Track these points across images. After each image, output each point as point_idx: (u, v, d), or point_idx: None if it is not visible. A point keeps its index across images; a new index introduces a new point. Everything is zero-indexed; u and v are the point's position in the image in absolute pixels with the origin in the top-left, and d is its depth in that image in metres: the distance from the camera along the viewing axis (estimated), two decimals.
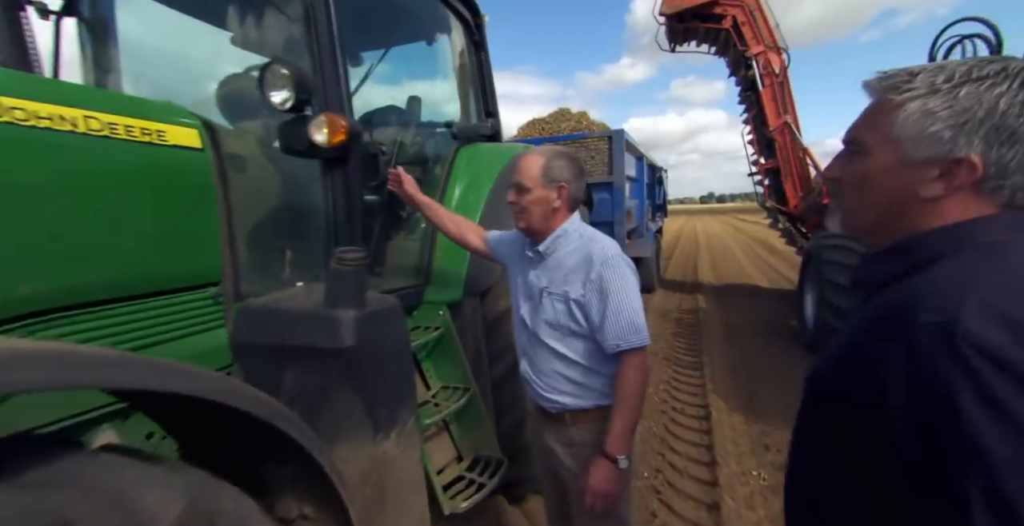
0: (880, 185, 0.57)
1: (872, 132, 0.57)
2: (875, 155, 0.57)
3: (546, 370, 1.33)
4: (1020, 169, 0.51)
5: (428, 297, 1.91)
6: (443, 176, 2.10)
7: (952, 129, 0.51)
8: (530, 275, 1.35)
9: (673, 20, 6.30)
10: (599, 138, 5.25)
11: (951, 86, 0.52)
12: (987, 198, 0.53)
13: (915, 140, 0.53)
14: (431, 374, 1.90)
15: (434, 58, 2.71)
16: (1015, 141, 0.50)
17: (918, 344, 0.44)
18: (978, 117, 0.50)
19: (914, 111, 0.53)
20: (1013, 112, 0.50)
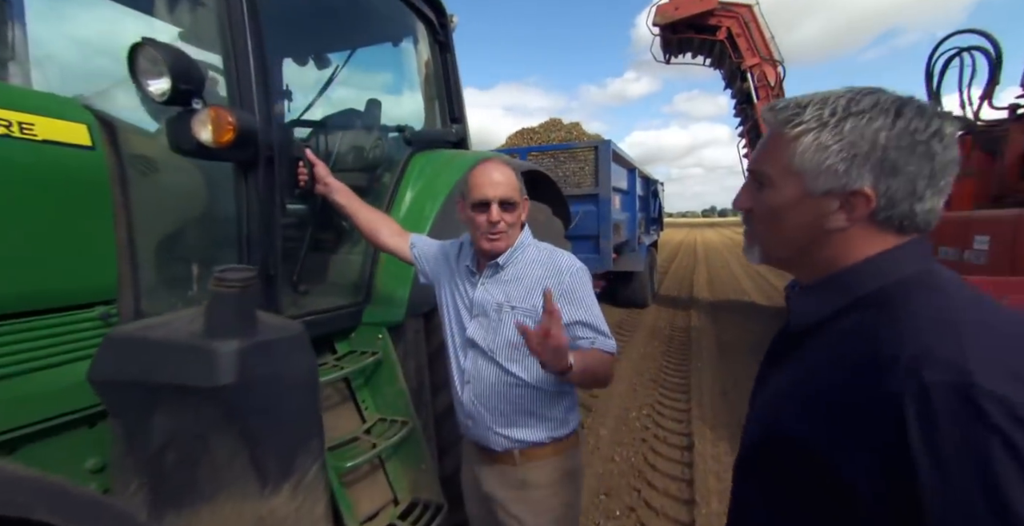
0: (790, 217, 0.59)
1: (774, 165, 0.59)
2: (779, 188, 0.59)
3: (497, 400, 1.16)
4: (905, 199, 0.54)
5: (366, 318, 1.72)
6: (392, 182, 1.93)
7: (844, 162, 0.54)
8: (477, 291, 1.21)
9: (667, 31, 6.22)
10: (586, 148, 5.10)
11: (837, 120, 0.54)
12: (883, 228, 0.56)
13: (814, 173, 0.55)
14: (367, 405, 1.70)
15: (399, 61, 2.57)
16: (896, 172, 0.53)
17: (938, 405, 0.43)
18: (864, 150, 0.53)
19: (808, 145, 0.55)
20: (891, 145, 0.52)
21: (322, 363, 1.59)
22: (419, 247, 1.40)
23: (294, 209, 1.71)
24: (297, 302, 1.64)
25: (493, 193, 1.14)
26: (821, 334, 0.58)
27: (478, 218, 1.15)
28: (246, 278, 0.93)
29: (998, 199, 3.39)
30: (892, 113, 0.53)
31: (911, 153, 0.52)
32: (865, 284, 0.56)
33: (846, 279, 0.57)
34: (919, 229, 0.56)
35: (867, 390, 0.47)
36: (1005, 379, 0.41)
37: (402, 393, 1.66)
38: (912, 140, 0.52)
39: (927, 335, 0.47)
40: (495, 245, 1.17)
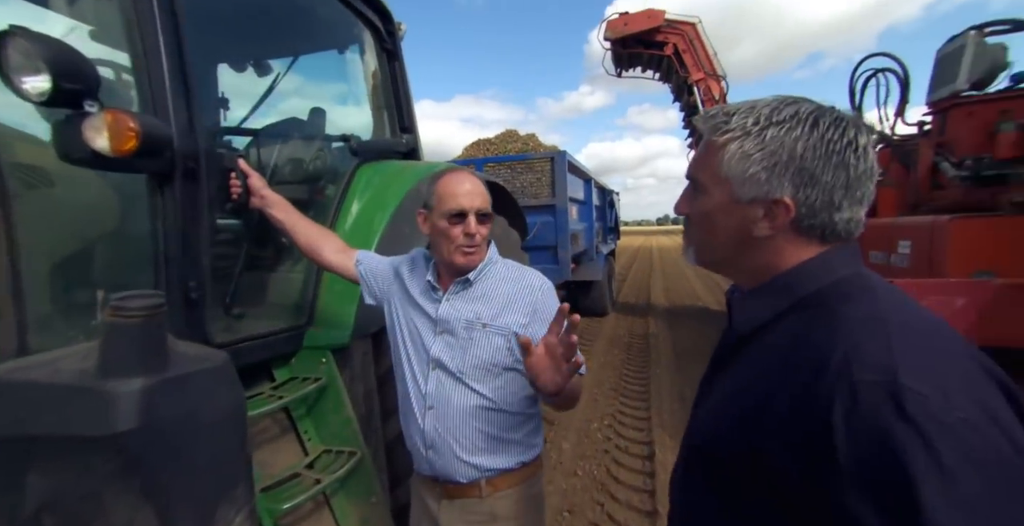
0: (721, 223, 0.61)
1: (705, 171, 0.61)
2: (711, 194, 0.61)
3: (464, 425, 1.08)
4: (823, 209, 0.55)
5: (309, 341, 1.59)
6: (337, 195, 1.82)
7: (766, 171, 0.55)
8: (443, 308, 1.13)
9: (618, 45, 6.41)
10: (542, 159, 5.12)
11: (759, 128, 0.56)
12: (807, 236, 0.57)
13: (739, 181, 0.57)
14: (310, 436, 1.56)
15: (346, 69, 2.47)
16: (814, 183, 0.54)
17: (862, 402, 0.44)
18: (783, 160, 0.54)
19: (734, 152, 0.57)
20: (808, 156, 0.54)
21: (257, 393, 1.45)
22: (365, 264, 1.30)
23: (227, 224, 1.57)
24: (231, 327, 1.49)
25: (470, 203, 1.07)
26: (762, 338, 0.59)
27: (453, 230, 1.08)
28: (150, 306, 0.81)
29: (915, 207, 3.66)
30: (809, 123, 0.54)
31: (827, 163, 0.54)
32: (803, 286, 0.57)
33: (784, 282, 0.59)
34: (841, 237, 0.57)
35: (802, 390, 0.48)
36: (925, 378, 0.43)
37: (348, 421, 1.54)
38: (827, 150, 0.53)
39: (857, 335, 0.48)
40: (470, 259, 1.10)
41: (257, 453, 1.43)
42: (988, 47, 3.30)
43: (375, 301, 1.30)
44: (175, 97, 1.14)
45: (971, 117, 3.28)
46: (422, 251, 1.28)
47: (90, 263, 1.24)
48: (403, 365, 1.19)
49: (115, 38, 1.18)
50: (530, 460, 1.14)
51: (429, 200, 1.13)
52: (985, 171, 2.91)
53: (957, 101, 3.34)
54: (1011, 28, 3.33)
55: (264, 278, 1.76)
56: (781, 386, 0.51)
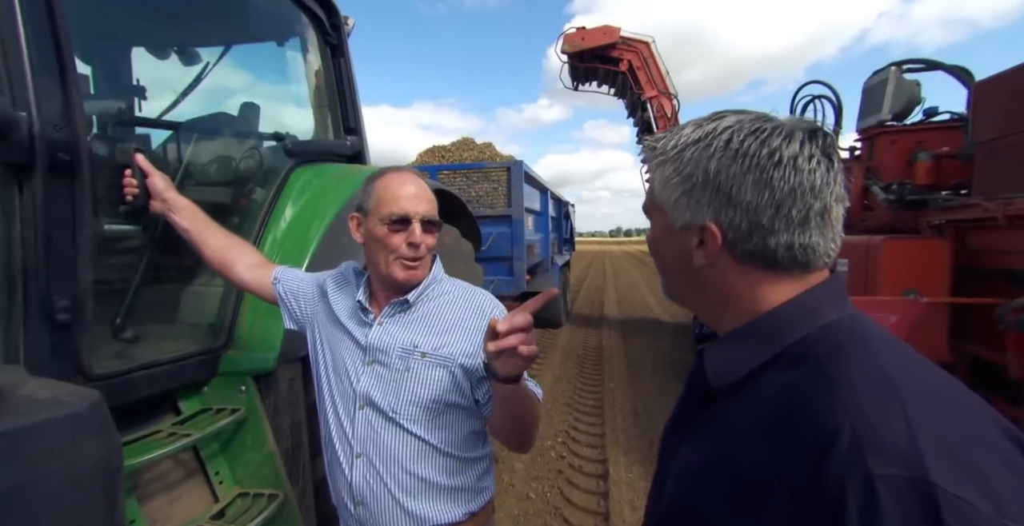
0: (665, 253, 0.57)
1: (648, 199, 0.58)
2: (654, 223, 0.58)
3: (400, 473, 0.92)
4: (752, 232, 0.49)
5: (225, 366, 1.37)
6: (268, 199, 1.62)
7: (685, 195, 0.51)
8: (373, 333, 0.96)
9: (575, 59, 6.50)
10: (499, 169, 5.04)
11: (677, 151, 0.52)
12: (750, 264, 0.51)
13: (670, 207, 0.53)
14: (223, 478, 1.34)
15: (285, 63, 2.27)
16: (734, 204, 0.49)
17: (886, 509, 0.35)
18: (699, 182, 0.50)
19: (658, 179, 0.54)
20: (722, 176, 0.49)
21: (154, 431, 1.22)
22: (284, 282, 1.12)
23: (119, 230, 1.33)
24: (122, 353, 1.26)
25: (415, 208, 0.92)
26: (742, 395, 0.51)
27: (393, 238, 0.92)
28: None
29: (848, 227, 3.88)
30: (725, 137, 0.49)
31: (743, 180, 0.48)
32: (785, 332, 0.49)
33: (762, 326, 0.51)
34: (794, 265, 0.50)
35: (800, 470, 0.41)
36: (963, 477, 0.35)
37: (270, 458, 1.34)
38: (744, 166, 0.48)
39: (864, 404, 0.40)
40: (412, 274, 0.94)
41: (151, 504, 1.20)
42: (906, 83, 3.60)
43: (296, 325, 1.12)
44: (37, 76, 0.93)
45: (894, 145, 3.54)
46: (352, 265, 1.11)
47: None
48: (326, 403, 1.02)
49: None
50: (479, 508, 0.99)
51: (365, 202, 0.96)
52: (908, 196, 3.11)
53: (882, 130, 3.59)
54: (924, 67, 3.64)
55: (173, 293, 1.52)
56: (777, 461, 0.43)
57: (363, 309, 0.99)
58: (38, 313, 0.95)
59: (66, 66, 1.00)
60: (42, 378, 0.87)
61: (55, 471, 0.71)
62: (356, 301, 1.00)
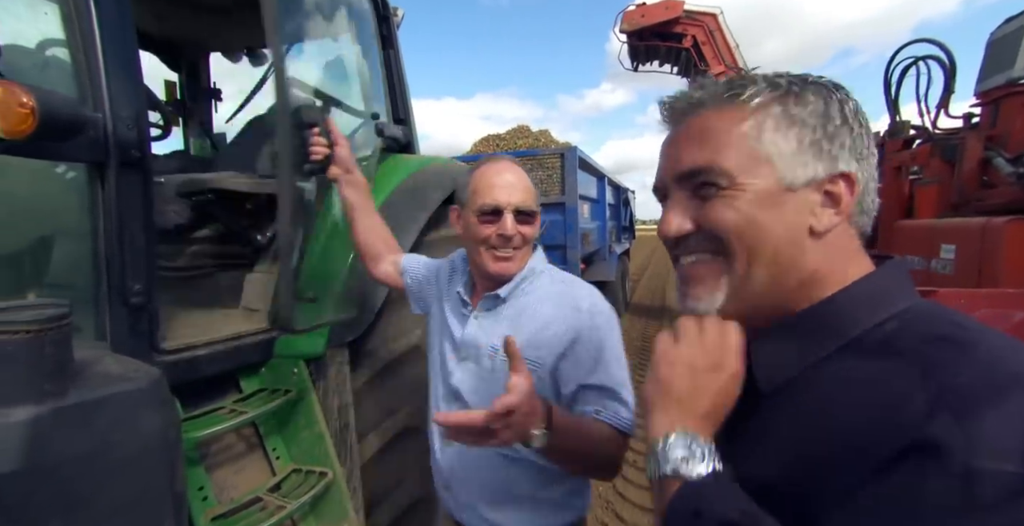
0: (768, 225, 0.44)
1: (728, 155, 0.44)
2: (744, 186, 0.44)
3: (483, 472, 0.90)
4: (871, 192, 0.46)
5: (280, 349, 1.46)
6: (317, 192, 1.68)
7: (827, 139, 0.43)
8: (468, 327, 0.95)
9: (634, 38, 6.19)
10: (552, 156, 4.94)
11: (799, 88, 0.44)
12: (856, 232, 0.46)
13: (790, 157, 0.43)
14: (279, 453, 1.43)
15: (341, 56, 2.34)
16: (868, 155, 0.45)
17: None
18: (839, 123, 0.44)
19: (779, 118, 0.43)
20: (852, 122, 0.44)
21: (218, 407, 1.32)
22: (410, 273, 1.16)
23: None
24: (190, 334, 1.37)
25: (507, 198, 0.89)
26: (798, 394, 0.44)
27: (484, 230, 0.90)
28: (42, 319, 0.68)
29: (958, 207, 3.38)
30: (832, 88, 0.46)
31: (868, 134, 0.45)
32: (856, 320, 0.43)
33: (830, 314, 0.44)
34: (865, 233, 0.48)
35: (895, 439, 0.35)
36: None
37: (320, 438, 1.41)
38: (860, 121, 0.45)
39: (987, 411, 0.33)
40: (504, 267, 0.91)
41: (218, 473, 1.31)
42: None
43: (422, 311, 1.15)
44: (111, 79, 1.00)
45: None
46: (461, 254, 1.10)
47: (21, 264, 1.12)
48: (431, 386, 1.04)
49: None
50: (562, 525, 0.92)
51: (462, 193, 0.95)
52: None
53: (1012, 90, 3.05)
54: None
55: (240, 278, 1.63)
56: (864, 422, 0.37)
57: (463, 302, 0.98)
58: (118, 297, 1.04)
59: (135, 69, 1.08)
60: (118, 354, 0.96)
61: (120, 441, 0.78)
62: (457, 293, 0.99)
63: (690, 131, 0.47)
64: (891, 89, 4.06)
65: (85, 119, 0.91)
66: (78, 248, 1.06)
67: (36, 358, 0.69)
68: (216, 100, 2.75)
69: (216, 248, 1.92)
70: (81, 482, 0.73)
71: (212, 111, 2.78)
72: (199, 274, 1.87)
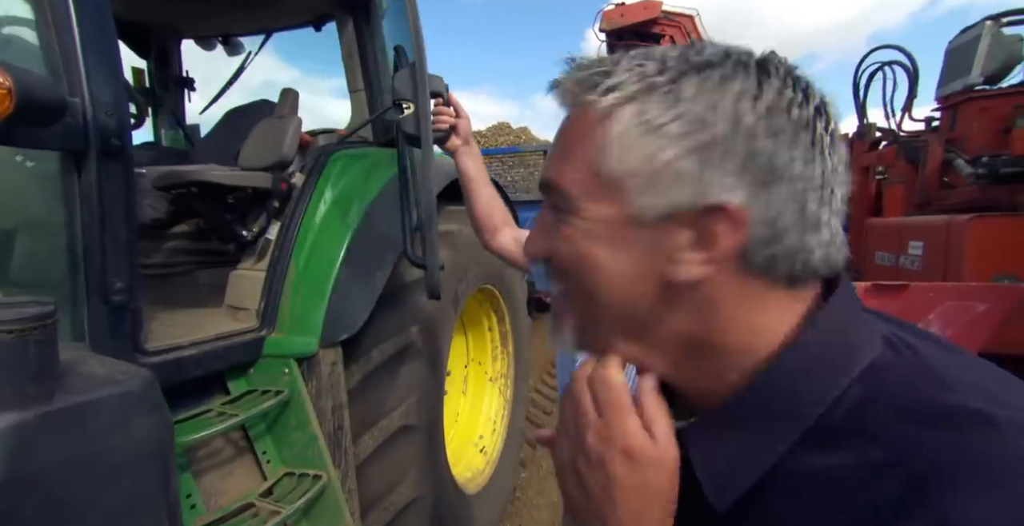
0: (605, 268, 0.33)
1: (573, 168, 0.34)
2: (584, 211, 0.33)
3: None
4: (794, 228, 0.30)
5: (269, 349, 1.40)
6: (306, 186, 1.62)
7: (695, 156, 0.30)
8: None
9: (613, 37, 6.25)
10: (535, 153, 4.94)
11: (669, 78, 0.30)
12: (758, 277, 0.32)
13: (642, 178, 0.31)
14: (270, 457, 1.38)
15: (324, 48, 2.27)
16: (778, 180, 0.30)
17: None
18: (721, 134, 0.29)
19: (629, 125, 0.31)
20: (761, 130, 0.29)
21: (205, 410, 1.26)
22: None
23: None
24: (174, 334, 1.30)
25: None
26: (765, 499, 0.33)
27: None
28: (25, 318, 0.62)
29: (922, 206, 3.55)
30: (755, 71, 0.31)
31: (792, 144, 0.30)
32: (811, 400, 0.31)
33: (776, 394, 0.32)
34: (814, 275, 0.33)
35: None
36: None
37: (314, 439, 1.36)
38: (790, 123, 0.30)
39: None
40: None
41: (205, 479, 1.25)
42: (1004, 38, 3.18)
43: (545, 289, 1.17)
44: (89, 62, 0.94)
45: (984, 113, 3.18)
46: None
47: None
48: (557, 365, 1.10)
49: None
50: None
51: None
52: (1004, 169, 2.79)
53: (970, 95, 3.23)
54: None
55: (224, 274, 1.56)
56: None
57: None
58: (97, 294, 0.98)
59: (114, 53, 1.02)
60: (101, 356, 0.90)
61: (111, 446, 0.73)
62: None
63: (559, 130, 0.37)
64: (859, 92, 4.24)
65: (66, 103, 0.84)
66: (53, 243, 0.99)
67: (20, 360, 0.64)
68: (189, 90, 2.62)
69: (194, 244, 1.83)
70: (70, 491, 0.68)
71: (184, 101, 2.65)
72: (176, 272, 1.79)
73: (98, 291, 1.00)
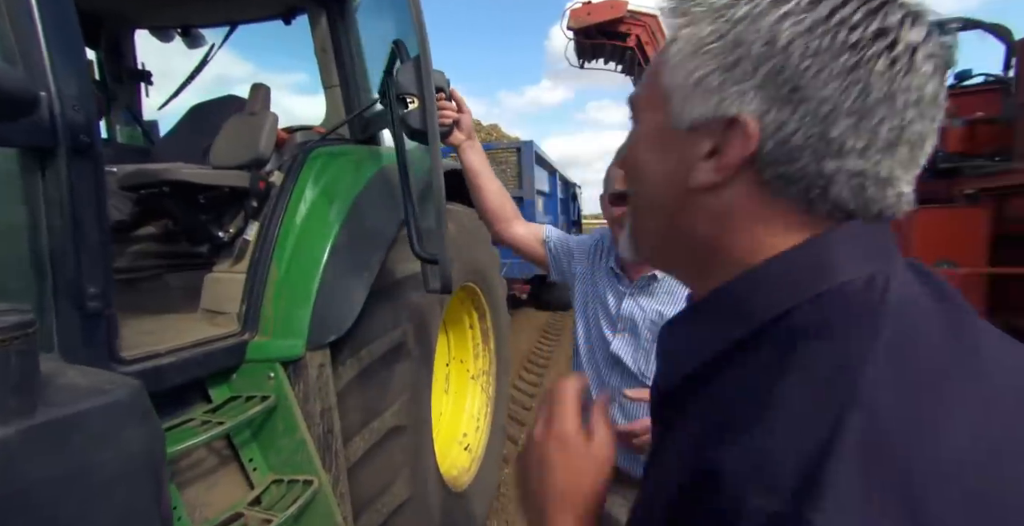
0: (648, 170, 0.38)
1: (643, 86, 0.39)
2: (641, 120, 0.39)
3: None
4: (810, 149, 0.30)
5: (253, 353, 1.35)
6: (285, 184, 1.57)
7: (721, 72, 0.32)
8: (625, 304, 1.06)
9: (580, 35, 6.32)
10: (508, 150, 4.94)
11: (724, 4, 0.32)
12: (782, 196, 0.33)
13: (683, 91, 0.34)
14: (257, 465, 1.33)
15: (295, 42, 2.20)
16: (798, 98, 0.30)
17: None
18: (751, 54, 0.31)
19: (684, 44, 0.34)
20: (795, 51, 0.30)
21: (187, 419, 1.20)
22: (553, 240, 1.22)
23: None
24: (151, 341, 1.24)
25: None
26: (693, 393, 0.36)
27: (615, 211, 1.01)
28: (9, 326, 0.58)
29: None
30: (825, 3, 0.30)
31: (824, 65, 0.29)
32: (762, 304, 0.33)
33: (739, 292, 0.34)
34: (845, 208, 0.32)
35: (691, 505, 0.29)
36: None
37: (302, 444, 1.33)
38: (835, 42, 0.29)
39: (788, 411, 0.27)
40: None
41: (189, 491, 1.20)
42: None
43: (561, 279, 1.22)
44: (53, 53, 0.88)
45: None
46: (606, 233, 1.17)
47: None
48: (580, 348, 1.14)
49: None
50: None
51: (607, 179, 1.06)
52: (941, 164, 3.02)
53: None
54: (961, 26, 3.47)
55: (194, 279, 1.50)
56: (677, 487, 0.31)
57: (616, 276, 1.08)
58: (69, 301, 0.92)
59: (78, 42, 0.96)
60: (80, 366, 0.85)
61: (101, 461, 0.70)
62: (609, 267, 1.09)
63: None
64: None
65: (35, 97, 0.79)
66: (16, 247, 0.92)
67: (0, 371, 0.59)
68: (146, 83, 2.48)
69: (162, 247, 1.74)
70: (57, 508, 0.65)
71: (141, 96, 2.51)
72: (144, 276, 1.70)
73: (70, 298, 0.94)
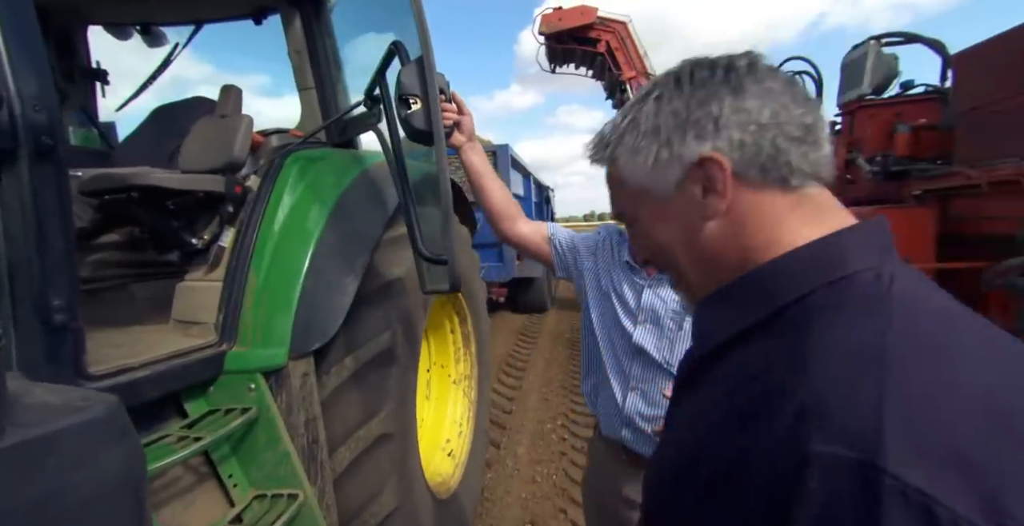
0: (673, 236, 0.47)
1: (621, 200, 0.52)
2: (642, 217, 0.50)
3: None
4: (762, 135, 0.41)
5: (232, 364, 1.30)
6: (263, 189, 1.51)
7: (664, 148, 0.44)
8: (646, 296, 1.08)
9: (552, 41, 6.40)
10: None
11: (628, 121, 0.47)
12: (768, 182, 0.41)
13: (652, 176, 0.45)
14: (237, 480, 1.27)
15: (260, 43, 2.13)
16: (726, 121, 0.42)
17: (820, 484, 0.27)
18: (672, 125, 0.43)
19: (623, 155, 0.47)
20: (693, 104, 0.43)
21: (161, 436, 1.14)
22: (558, 237, 1.22)
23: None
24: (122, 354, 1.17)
25: None
26: (726, 362, 0.43)
27: None
28: None
29: None
30: (671, 80, 0.45)
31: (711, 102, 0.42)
32: (780, 290, 0.39)
33: (760, 279, 0.41)
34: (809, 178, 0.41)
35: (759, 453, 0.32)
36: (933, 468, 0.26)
37: (286, 457, 1.28)
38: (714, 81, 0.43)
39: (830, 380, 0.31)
40: None
41: (165, 511, 1.14)
42: (884, 56, 3.68)
43: (566, 275, 1.22)
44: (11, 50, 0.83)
45: (874, 118, 3.64)
46: (615, 227, 1.18)
47: None
48: (598, 338, 1.13)
49: None
50: None
51: None
52: (892, 167, 3.20)
53: (863, 103, 3.68)
54: (903, 40, 3.72)
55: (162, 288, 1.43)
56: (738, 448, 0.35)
57: (632, 269, 1.10)
58: (32, 314, 0.86)
59: (37, 41, 0.90)
60: (48, 384, 0.79)
61: (77, 482, 0.65)
62: (624, 261, 1.10)
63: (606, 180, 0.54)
64: None
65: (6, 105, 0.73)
66: None
67: None
68: (102, 83, 2.35)
69: (127, 255, 1.65)
70: None
71: (97, 96, 2.38)
72: (107, 286, 1.60)
73: (33, 310, 0.87)
